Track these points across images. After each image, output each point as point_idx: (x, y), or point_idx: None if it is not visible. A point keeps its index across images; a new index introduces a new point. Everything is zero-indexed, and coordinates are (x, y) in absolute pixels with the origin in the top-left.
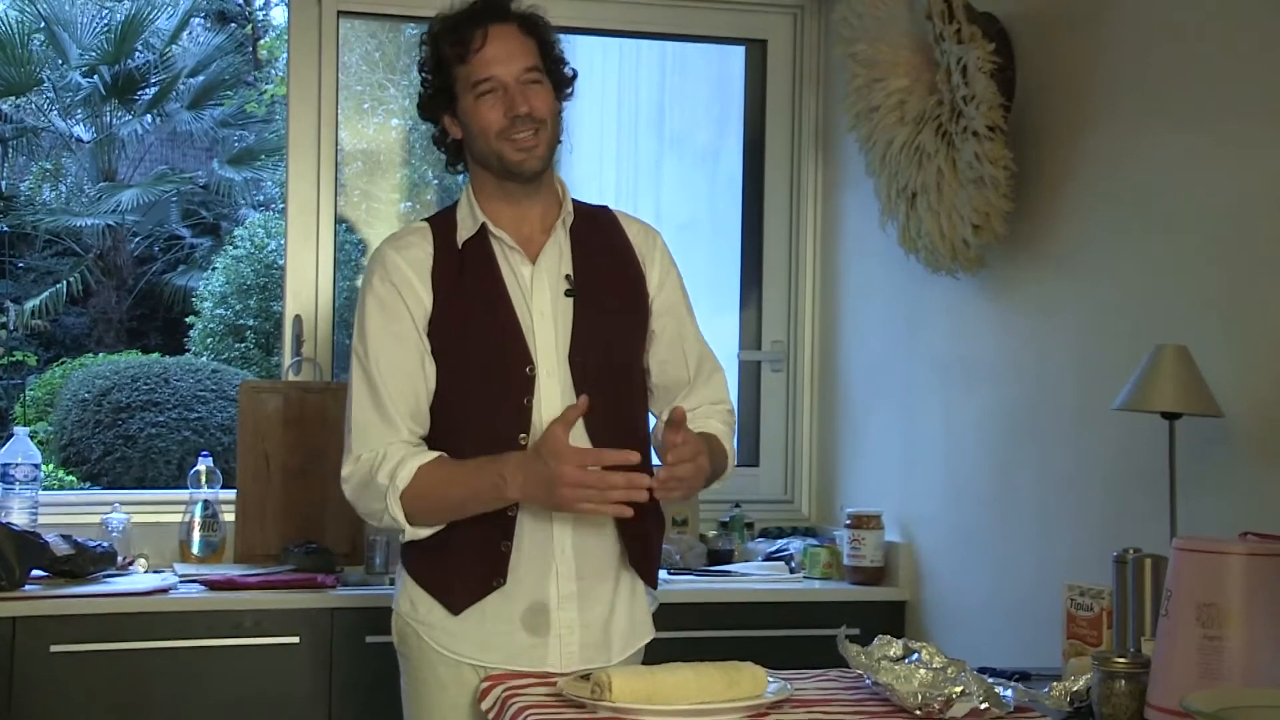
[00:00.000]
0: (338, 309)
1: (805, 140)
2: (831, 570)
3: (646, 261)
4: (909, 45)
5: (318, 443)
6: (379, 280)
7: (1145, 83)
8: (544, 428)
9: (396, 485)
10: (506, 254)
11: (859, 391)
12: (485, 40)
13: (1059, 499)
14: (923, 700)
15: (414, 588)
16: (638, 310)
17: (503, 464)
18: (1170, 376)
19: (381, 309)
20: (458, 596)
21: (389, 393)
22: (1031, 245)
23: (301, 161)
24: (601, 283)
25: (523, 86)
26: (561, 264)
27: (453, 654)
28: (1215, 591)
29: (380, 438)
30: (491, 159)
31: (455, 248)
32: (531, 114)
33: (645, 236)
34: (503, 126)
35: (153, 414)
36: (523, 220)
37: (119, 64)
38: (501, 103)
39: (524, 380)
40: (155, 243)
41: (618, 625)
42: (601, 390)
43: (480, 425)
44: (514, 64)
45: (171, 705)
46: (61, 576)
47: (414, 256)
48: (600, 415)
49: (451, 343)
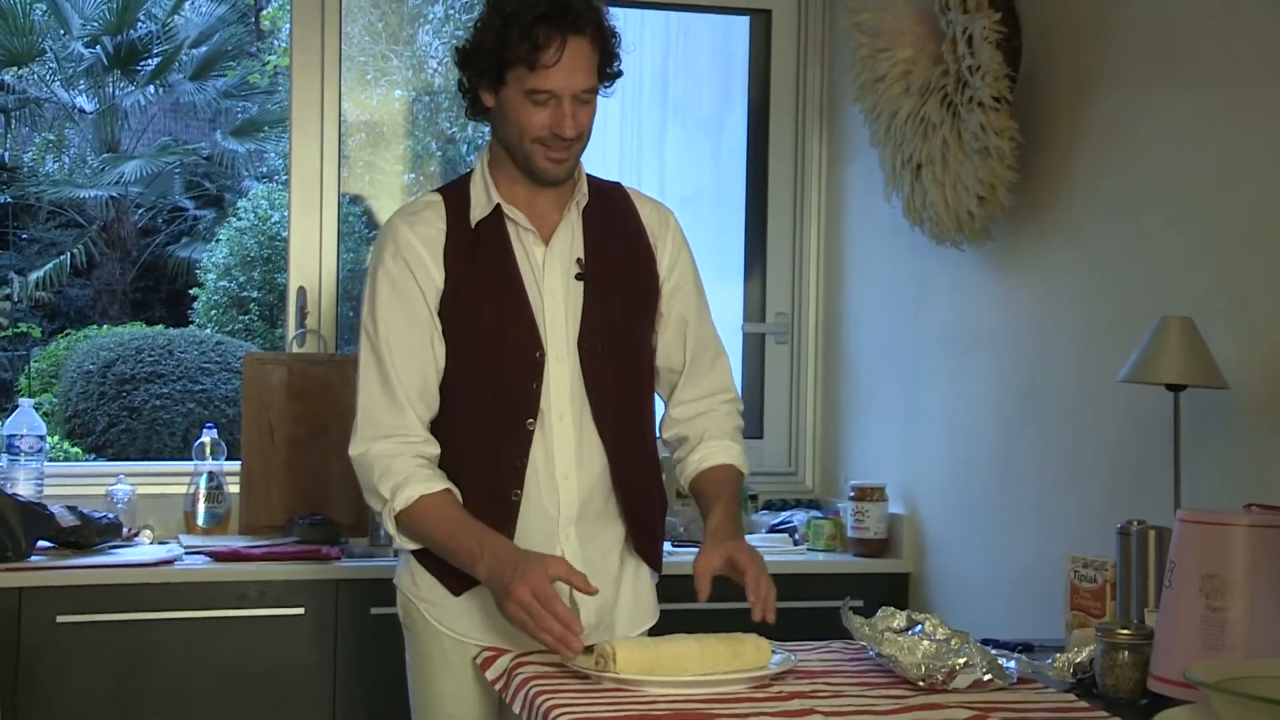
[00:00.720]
0: (341, 281)
1: (810, 111)
2: (835, 542)
3: (658, 243)
4: (914, 15)
5: (322, 415)
6: (390, 256)
7: (1151, 53)
8: (551, 412)
9: (394, 506)
10: (520, 235)
11: (863, 364)
12: (560, 55)
13: (1063, 471)
14: (926, 672)
15: (415, 565)
16: (648, 294)
17: (487, 540)
18: (1175, 348)
19: (392, 287)
20: (457, 577)
21: (398, 374)
22: (1037, 216)
23: (305, 133)
24: (613, 266)
25: (575, 105)
26: (574, 246)
27: (453, 633)
28: (1219, 563)
29: (388, 420)
30: (518, 154)
31: (468, 225)
32: (573, 134)
33: (658, 217)
34: (541, 136)
35: (157, 386)
36: (537, 199)
37: (121, 34)
38: (551, 115)
39: (534, 364)
40: (159, 214)
41: (622, 609)
42: (609, 375)
43: (488, 408)
44: (576, 82)
45: (176, 676)
46: (67, 547)
47: (427, 234)
48: (607, 400)
49: (462, 324)
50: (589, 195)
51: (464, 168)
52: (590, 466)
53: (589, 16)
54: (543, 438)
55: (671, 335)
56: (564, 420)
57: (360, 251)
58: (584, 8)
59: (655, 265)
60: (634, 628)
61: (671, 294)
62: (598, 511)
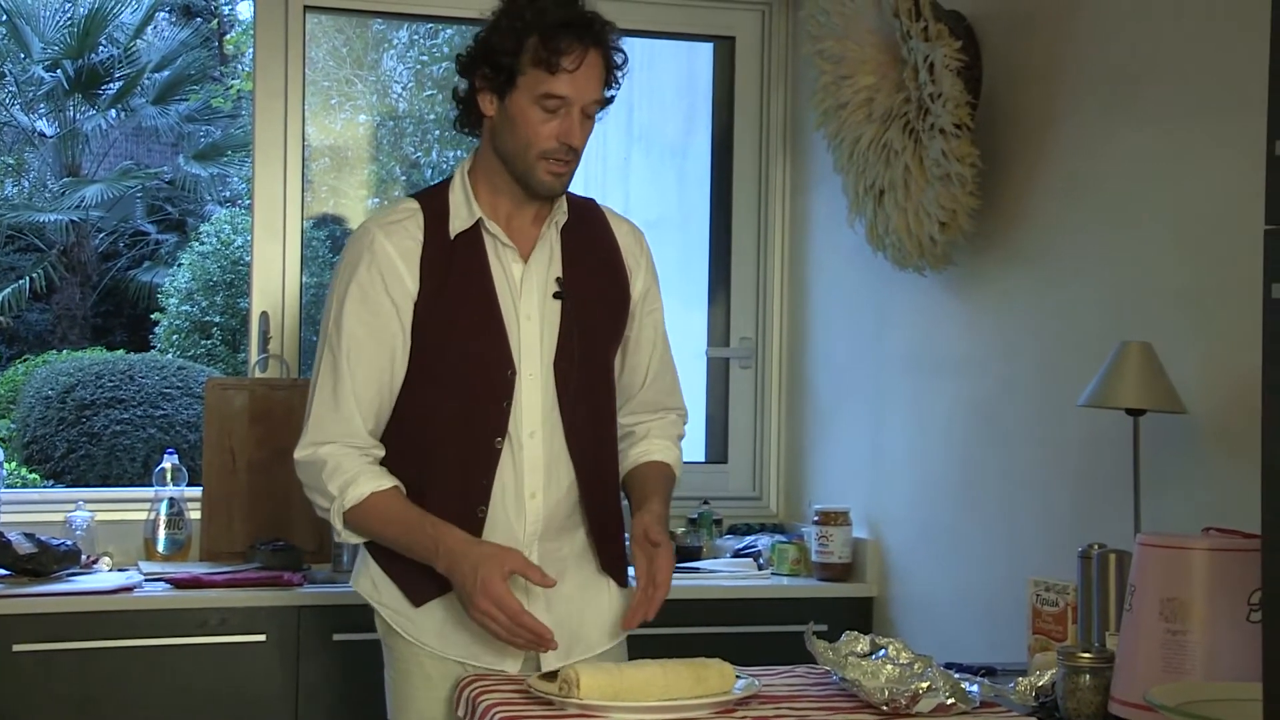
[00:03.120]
0: (304, 305)
1: (773, 137)
2: (799, 567)
3: (633, 265)
4: (876, 43)
5: (284, 440)
6: (365, 267)
7: (1110, 80)
8: (521, 431)
9: (343, 502)
10: (499, 251)
11: (827, 388)
12: (580, 64)
13: (1024, 495)
14: (889, 696)
15: (376, 570)
16: (619, 313)
17: (443, 536)
18: (1135, 373)
19: (362, 297)
20: (418, 588)
21: (354, 385)
22: (998, 242)
23: (268, 157)
24: (589, 286)
25: (582, 117)
26: (552, 265)
27: (415, 641)
28: (1178, 586)
29: (335, 429)
30: (518, 165)
31: (446, 236)
32: (577, 148)
33: (633, 239)
34: (548, 148)
35: (117, 411)
36: (517, 215)
37: (82, 58)
38: (559, 126)
39: (504, 383)
40: (120, 239)
41: (591, 625)
42: (582, 394)
43: (456, 425)
44: (588, 95)
45: (136, 705)
46: (24, 575)
47: (404, 244)
48: (579, 419)
49: (433, 337)
50: (567, 213)
51: None
52: (559, 484)
53: (605, 34)
54: (511, 455)
55: (638, 356)
56: (534, 438)
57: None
58: (602, 25)
59: (629, 286)
60: (606, 642)
61: (643, 316)
62: (560, 528)
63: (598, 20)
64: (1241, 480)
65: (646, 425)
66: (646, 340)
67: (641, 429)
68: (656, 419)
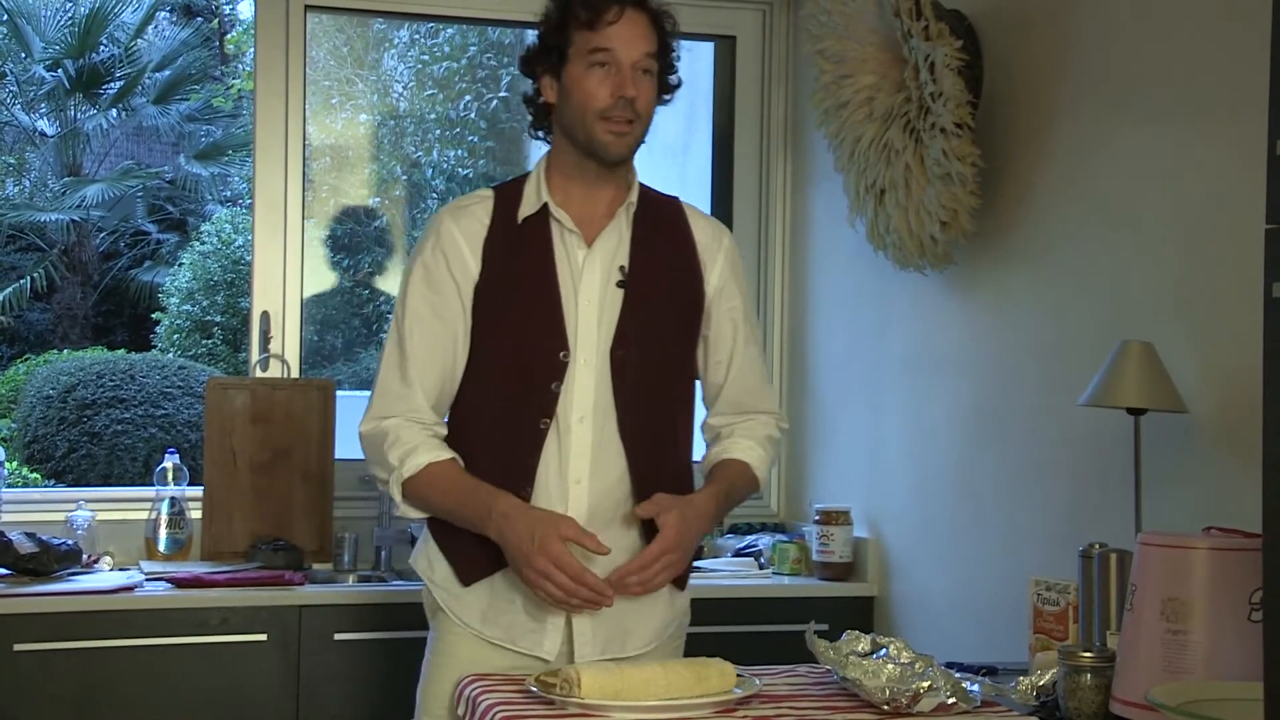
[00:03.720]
0: (305, 305)
1: (774, 136)
2: (800, 566)
3: (708, 260)
4: (877, 42)
5: (285, 439)
6: (431, 248)
7: (1111, 80)
8: (570, 415)
9: (402, 473)
10: (564, 236)
11: (827, 388)
12: (620, 16)
13: (1025, 494)
14: (890, 695)
15: (434, 548)
16: (690, 309)
17: (497, 501)
18: (1135, 372)
19: (427, 278)
20: (468, 566)
21: (417, 364)
22: (998, 241)
23: (269, 157)
24: (656, 277)
25: (635, 73)
26: (619, 252)
27: (459, 621)
28: (1179, 586)
29: (398, 404)
30: (580, 133)
31: (514, 222)
32: (634, 102)
33: (712, 234)
34: (605, 105)
35: (118, 411)
36: (589, 200)
37: (83, 58)
38: (611, 81)
39: (556, 365)
40: (121, 238)
41: (633, 626)
42: (641, 385)
43: (505, 404)
44: (636, 48)
45: (137, 704)
46: (25, 575)
47: (470, 227)
48: (636, 411)
49: (491, 316)
50: (641, 204)
51: (429, 192)
52: (606, 473)
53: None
54: (557, 439)
55: (717, 354)
56: (583, 424)
57: (323, 276)
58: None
59: (702, 282)
60: (649, 644)
61: (720, 313)
62: (609, 519)
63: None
64: (1242, 479)
65: (732, 426)
66: (725, 338)
67: (727, 430)
68: (743, 420)
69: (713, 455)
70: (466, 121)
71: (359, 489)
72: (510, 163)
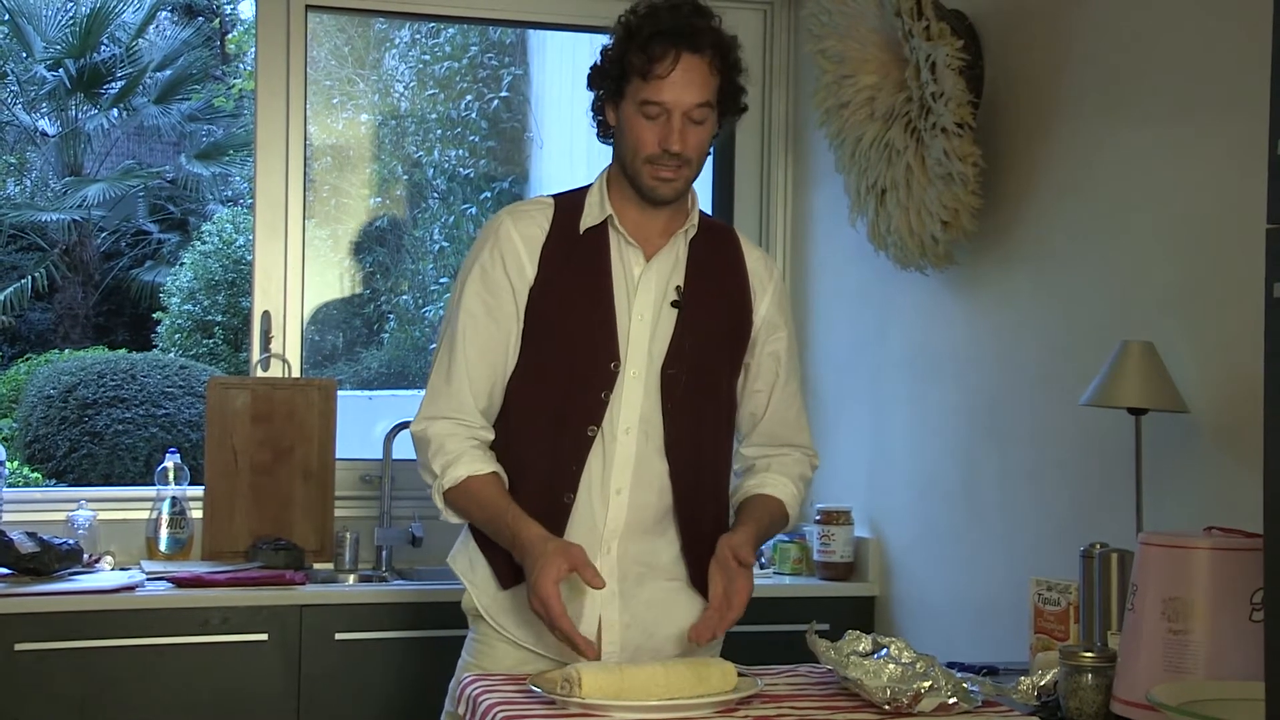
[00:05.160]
0: (306, 304)
1: (775, 136)
2: (801, 566)
3: (759, 291)
4: (878, 42)
5: (286, 439)
6: (489, 250)
7: (1111, 80)
8: (617, 425)
9: (443, 483)
10: (623, 248)
11: (828, 388)
12: (673, 68)
13: (1026, 494)
14: (891, 695)
15: (475, 549)
16: (739, 335)
17: (519, 529)
18: (1136, 372)
19: (483, 278)
20: (508, 570)
21: (468, 364)
22: (1000, 241)
23: (270, 157)
24: (710, 301)
25: (685, 123)
26: (674, 273)
27: (495, 625)
28: (1180, 586)
29: (447, 404)
30: (629, 171)
31: (574, 231)
32: (681, 153)
33: (764, 267)
34: (651, 154)
35: (119, 410)
36: (647, 222)
37: (84, 58)
38: (660, 130)
39: (607, 375)
40: (122, 238)
41: (662, 634)
42: (688, 404)
43: (555, 409)
44: (688, 97)
45: (138, 704)
46: (26, 574)
47: (528, 231)
48: (681, 428)
49: (544, 321)
50: (699, 229)
51: (430, 191)
52: (647, 486)
53: (709, 38)
54: (602, 448)
55: (757, 384)
56: (629, 435)
57: (324, 276)
58: (705, 29)
59: (752, 311)
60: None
61: (764, 344)
62: (648, 531)
63: (691, 27)
64: (1243, 479)
65: (767, 460)
66: (767, 370)
67: (762, 463)
68: (779, 454)
69: (747, 488)
70: (468, 121)
71: (360, 488)
72: (511, 162)
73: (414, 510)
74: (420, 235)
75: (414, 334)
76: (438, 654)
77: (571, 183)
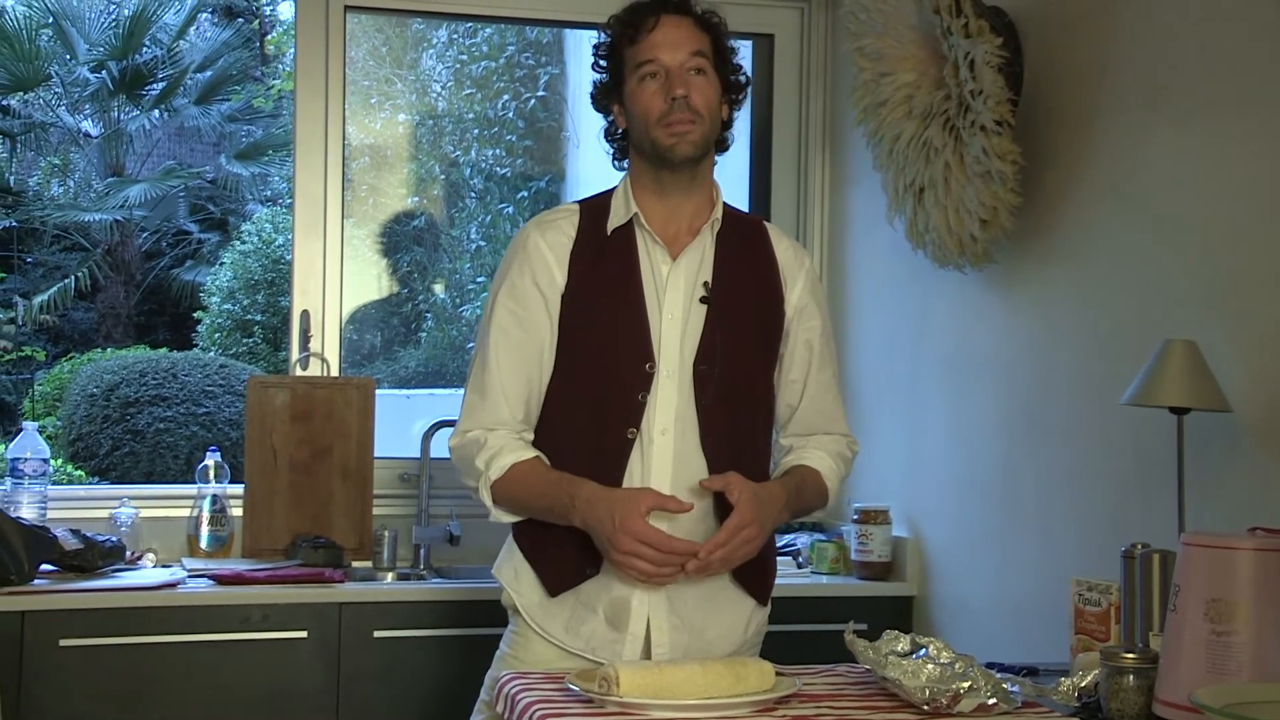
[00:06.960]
0: (345, 304)
1: (812, 135)
2: (839, 566)
3: (789, 281)
4: (916, 40)
5: (325, 437)
6: (518, 263)
7: (1153, 77)
8: (654, 427)
9: (489, 476)
10: (650, 248)
11: (866, 386)
12: (657, 25)
13: (1066, 494)
14: (930, 695)
15: (519, 559)
16: (772, 327)
17: (579, 488)
18: (1179, 371)
19: (512, 292)
20: (556, 577)
21: (502, 379)
22: (1039, 240)
23: (309, 156)
24: (738, 294)
25: (684, 73)
26: (702, 268)
27: (542, 632)
28: (1223, 587)
29: (482, 417)
30: (646, 144)
31: (601, 233)
32: (689, 100)
33: (795, 256)
34: (661, 111)
35: (161, 409)
36: (672, 218)
37: (126, 59)
38: (662, 88)
39: (643, 376)
40: (163, 238)
41: (716, 636)
42: (723, 400)
43: (593, 414)
44: (680, 51)
45: (179, 700)
46: (70, 571)
47: (556, 239)
48: (717, 424)
49: (577, 326)
50: (725, 222)
51: (467, 191)
52: (687, 485)
53: (689, 7)
54: (640, 450)
55: (792, 374)
56: (666, 436)
57: (362, 275)
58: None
59: (783, 301)
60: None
61: (798, 333)
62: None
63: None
64: None
65: (804, 441)
66: (801, 359)
67: (799, 443)
68: (816, 438)
69: (783, 464)
70: (504, 121)
71: (398, 487)
72: (548, 162)
73: (451, 509)
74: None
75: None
76: (476, 652)
77: (608, 182)
